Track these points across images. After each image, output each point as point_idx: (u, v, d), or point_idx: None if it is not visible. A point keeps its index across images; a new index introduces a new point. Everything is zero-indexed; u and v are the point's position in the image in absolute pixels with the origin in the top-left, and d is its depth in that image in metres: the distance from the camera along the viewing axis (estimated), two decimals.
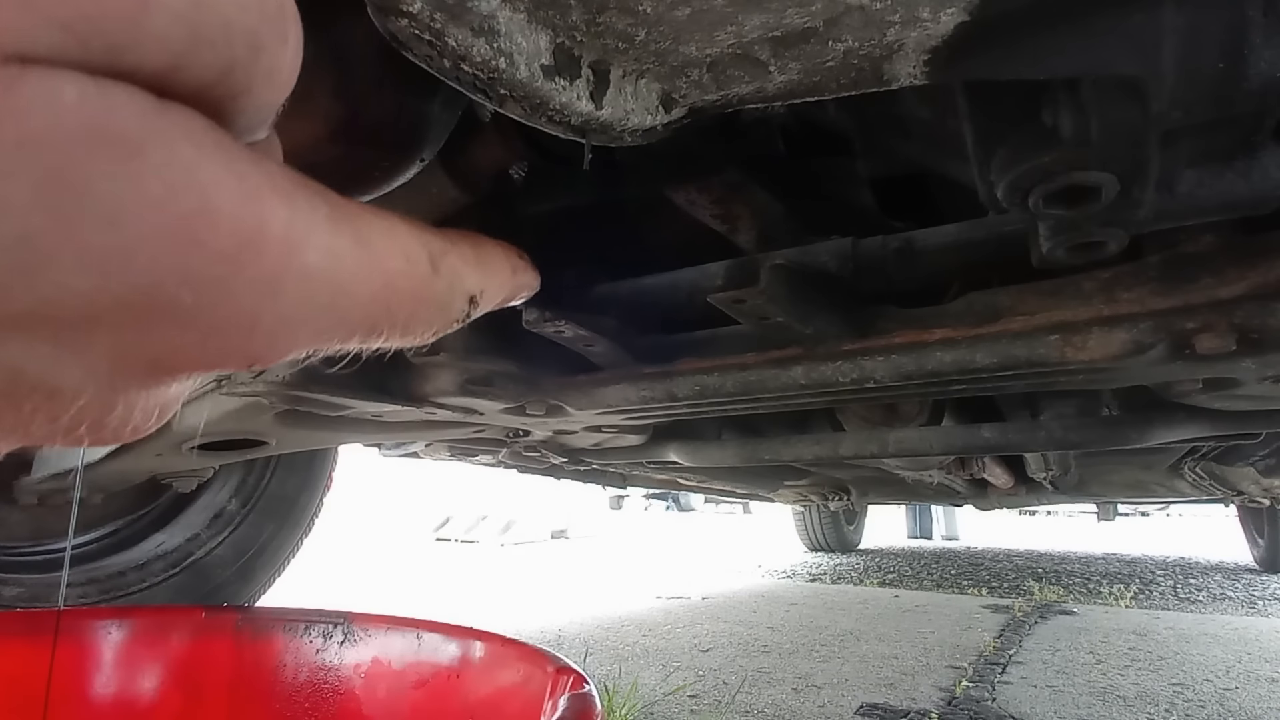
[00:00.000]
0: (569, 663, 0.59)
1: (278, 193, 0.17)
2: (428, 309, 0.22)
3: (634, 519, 10.87)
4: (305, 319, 0.18)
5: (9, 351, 0.15)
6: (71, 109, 0.13)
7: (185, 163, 0.15)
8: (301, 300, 0.18)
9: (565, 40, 0.40)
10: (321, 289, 0.18)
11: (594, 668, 1.80)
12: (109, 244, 0.14)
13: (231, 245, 0.16)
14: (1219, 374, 0.76)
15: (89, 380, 0.17)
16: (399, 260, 0.21)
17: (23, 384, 0.16)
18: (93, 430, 0.18)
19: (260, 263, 0.16)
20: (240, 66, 0.16)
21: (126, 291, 0.15)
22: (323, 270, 0.18)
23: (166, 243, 0.15)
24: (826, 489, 2.10)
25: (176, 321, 0.16)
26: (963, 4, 0.38)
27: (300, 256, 0.17)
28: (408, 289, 0.21)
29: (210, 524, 1.57)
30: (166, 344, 0.17)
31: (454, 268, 0.23)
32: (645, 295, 0.88)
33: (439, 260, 0.23)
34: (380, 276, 0.20)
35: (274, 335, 0.18)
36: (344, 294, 0.19)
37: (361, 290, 0.20)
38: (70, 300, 0.14)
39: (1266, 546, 3.97)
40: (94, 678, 0.71)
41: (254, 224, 0.16)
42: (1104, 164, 0.47)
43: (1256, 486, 1.66)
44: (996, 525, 8.38)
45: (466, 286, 0.24)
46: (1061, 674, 1.81)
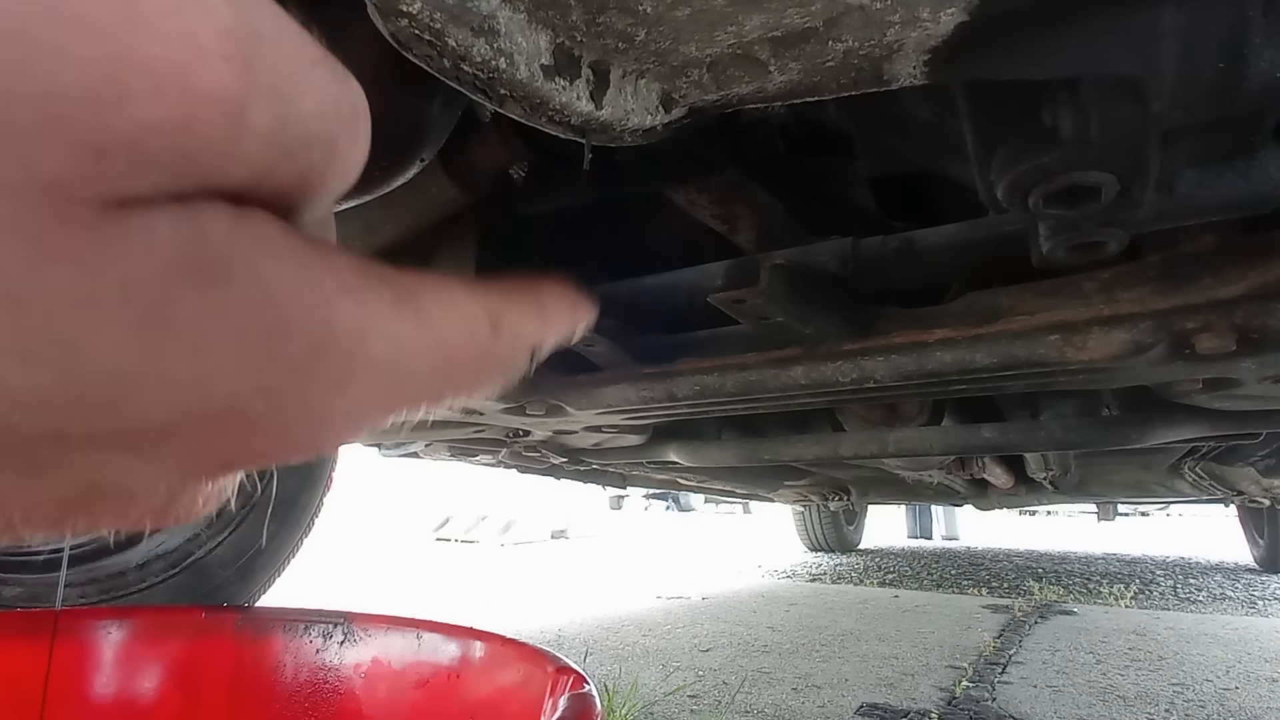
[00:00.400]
0: (569, 663, 0.59)
1: (345, 290, 0.17)
2: (490, 371, 0.22)
3: (634, 519, 10.87)
4: (371, 405, 0.19)
5: (86, 466, 0.15)
6: (166, 245, 0.13)
7: (265, 280, 0.15)
8: (368, 391, 0.18)
9: (565, 40, 0.40)
10: (387, 376, 0.18)
11: (594, 668, 1.80)
12: (192, 372, 0.14)
13: (303, 353, 0.16)
14: (1219, 374, 0.76)
15: (160, 483, 0.17)
16: (460, 330, 0.21)
17: (97, 492, 0.16)
18: (156, 519, 0.19)
19: (330, 364, 0.16)
20: (316, 170, 0.16)
21: (204, 410, 0.15)
22: (388, 358, 0.18)
23: (244, 361, 0.15)
24: (826, 489, 2.10)
25: (248, 428, 0.16)
26: (963, 4, 0.38)
27: (367, 350, 0.17)
28: (470, 357, 0.21)
29: (210, 524, 1.57)
30: (237, 448, 0.17)
31: (514, 325, 0.23)
32: (645, 295, 0.88)
33: (499, 320, 0.22)
34: (442, 351, 0.20)
35: (341, 426, 0.18)
36: (408, 374, 0.19)
37: (425, 367, 0.20)
38: (150, 423, 0.15)
39: (1266, 546, 3.97)
40: (94, 678, 0.71)
41: (324, 328, 0.16)
42: (1104, 164, 0.47)
43: (1256, 486, 1.66)
44: (996, 525, 8.38)
45: (528, 340, 0.24)
46: (1061, 674, 1.81)
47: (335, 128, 0.16)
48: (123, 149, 0.12)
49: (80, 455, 0.15)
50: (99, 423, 0.14)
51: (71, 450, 0.15)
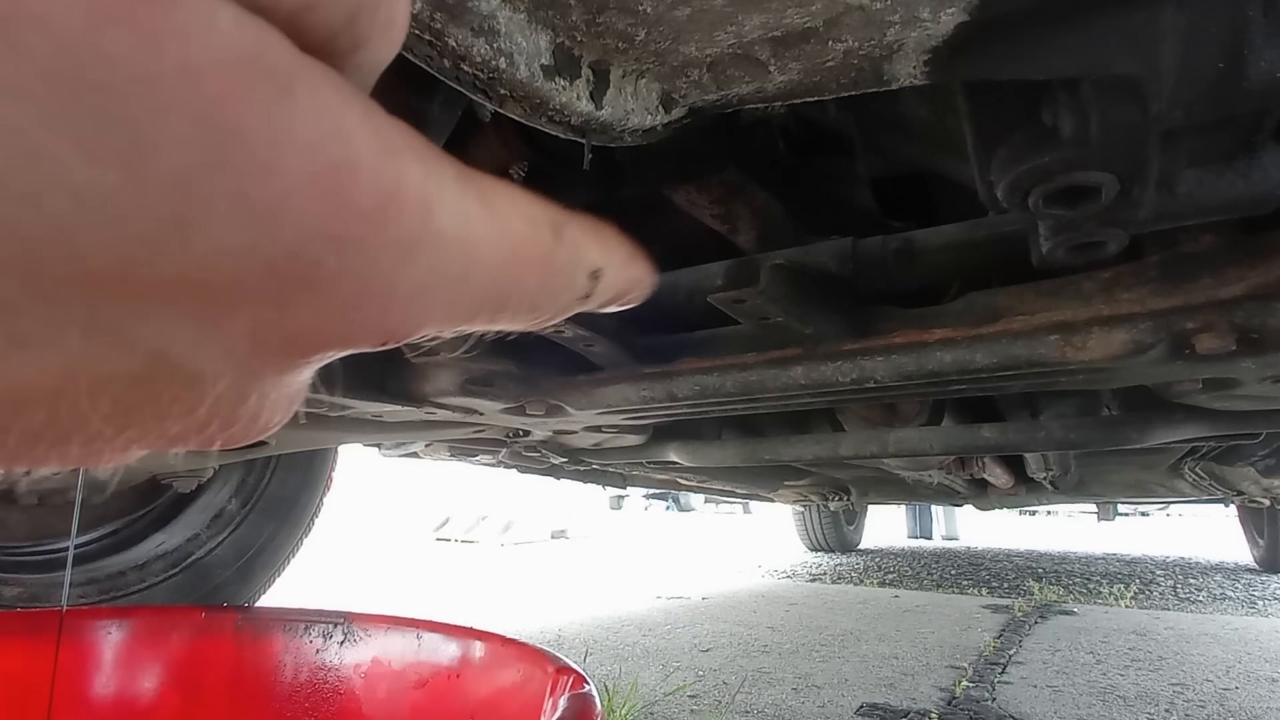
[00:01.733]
0: (569, 663, 0.59)
1: (412, 150, 0.16)
2: (553, 281, 0.22)
3: (634, 519, 10.87)
4: (439, 288, 0.18)
5: (153, 330, 0.14)
6: (230, 36, 0.13)
7: (331, 109, 0.14)
8: (435, 266, 0.17)
9: (565, 40, 0.40)
10: (454, 254, 0.18)
11: (594, 668, 1.80)
12: (264, 193, 0.13)
13: (374, 201, 0.15)
14: (1219, 374, 0.76)
15: (228, 364, 0.16)
16: (525, 225, 0.20)
17: (164, 368, 0.15)
18: (225, 426, 0.18)
19: (399, 222, 0.16)
20: (365, 13, 0.15)
21: (275, 252, 0.14)
22: (455, 234, 0.17)
23: (315, 195, 0.14)
24: (826, 489, 2.10)
25: (317, 291, 0.15)
26: (963, 4, 0.38)
27: (435, 218, 0.17)
28: (534, 257, 0.20)
29: (210, 524, 1.57)
30: (306, 318, 0.16)
31: (575, 238, 0.22)
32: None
33: (561, 228, 0.22)
34: (508, 242, 0.19)
35: (409, 306, 0.17)
36: (475, 261, 0.18)
37: (491, 257, 0.19)
38: (221, 263, 0.14)
39: (1266, 546, 3.97)
40: (94, 678, 0.71)
41: (394, 180, 0.16)
42: (1104, 164, 0.47)
43: (1256, 486, 1.66)
44: (996, 525, 8.38)
45: (588, 260, 0.23)
46: (1061, 674, 1.81)
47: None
48: None
49: (147, 315, 0.14)
50: (169, 255, 0.13)
51: (138, 306, 0.14)
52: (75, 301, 0.13)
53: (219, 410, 0.17)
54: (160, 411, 0.16)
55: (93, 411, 0.15)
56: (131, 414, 0.16)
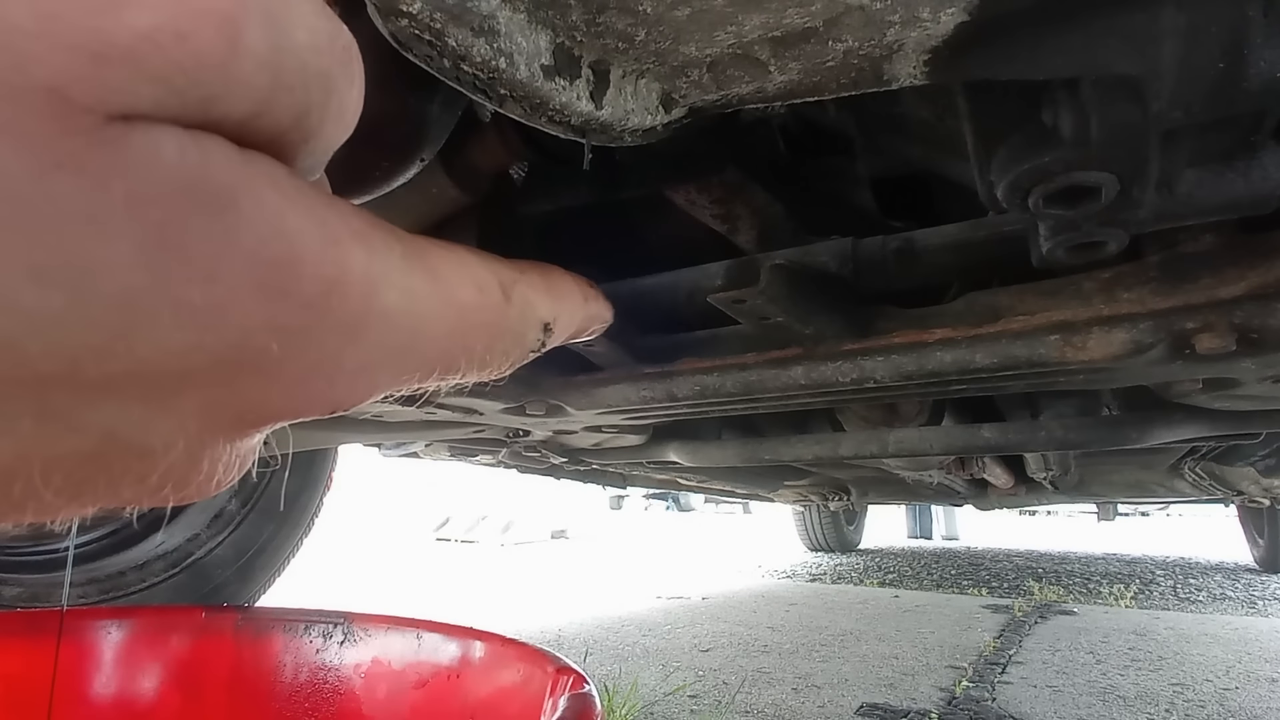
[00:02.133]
0: (569, 663, 0.59)
1: (355, 236, 0.17)
2: (503, 340, 0.22)
3: (634, 519, 10.87)
4: (385, 361, 0.18)
5: (103, 414, 0.15)
6: (172, 164, 0.13)
7: (273, 212, 0.15)
8: (381, 342, 0.18)
9: (565, 40, 0.40)
10: (400, 328, 0.18)
11: (594, 668, 1.80)
12: (206, 299, 0.14)
13: (316, 292, 0.16)
14: (1219, 374, 0.76)
15: (178, 437, 0.17)
16: (471, 292, 0.21)
17: (115, 445, 0.16)
18: (178, 488, 0.18)
19: (343, 307, 0.16)
20: (315, 109, 0.16)
21: (219, 347, 0.15)
22: (400, 309, 0.18)
23: (257, 294, 0.15)
24: (826, 489, 2.10)
25: (263, 374, 0.16)
26: (963, 4, 0.38)
27: (379, 298, 0.17)
28: (482, 321, 0.21)
29: (210, 524, 1.57)
30: (253, 397, 0.17)
31: (525, 296, 0.23)
32: (645, 295, 0.88)
33: (510, 289, 0.22)
34: (455, 310, 0.20)
35: (355, 380, 0.18)
36: (421, 332, 0.19)
37: (438, 326, 0.19)
38: (166, 360, 0.14)
39: (1266, 546, 3.97)
40: (94, 678, 0.71)
41: (336, 269, 0.16)
42: (1104, 164, 0.47)
43: (1256, 486, 1.66)
44: (996, 525, 8.38)
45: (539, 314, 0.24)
46: (1061, 674, 1.81)
47: (330, 63, 0.16)
48: (121, 56, 0.12)
49: (97, 402, 0.15)
50: (114, 357, 0.14)
51: (88, 395, 0.14)
52: (26, 396, 0.14)
53: (171, 476, 0.18)
54: (112, 481, 0.17)
55: (45, 487, 0.16)
56: (84, 485, 0.16)
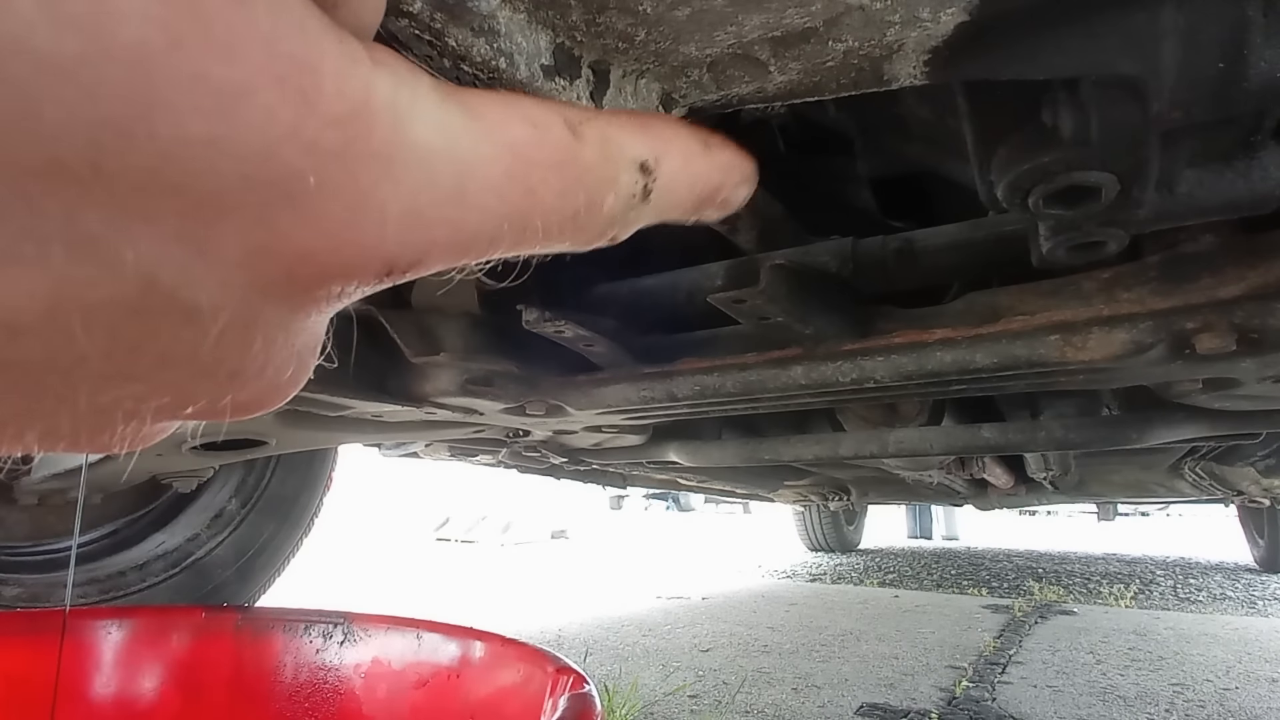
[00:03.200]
0: (569, 663, 0.59)
1: (379, 63, 0.16)
2: (582, 183, 0.19)
3: (634, 519, 10.87)
4: (435, 208, 0.17)
5: (140, 250, 0.14)
6: None
7: (294, 10, 0.14)
8: (425, 184, 0.16)
9: (565, 40, 0.40)
10: (442, 169, 0.16)
11: (594, 668, 1.80)
12: (224, 76, 0.13)
13: (341, 109, 0.15)
14: (1219, 374, 0.76)
15: (225, 294, 0.15)
16: (524, 128, 0.18)
17: (157, 295, 0.15)
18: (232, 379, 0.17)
19: (372, 133, 0.15)
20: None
21: (244, 152, 0.14)
22: (438, 146, 0.16)
23: (278, 91, 0.14)
24: (826, 489, 2.10)
25: (301, 207, 0.15)
26: (963, 4, 0.38)
27: (411, 129, 0.16)
28: (546, 159, 0.18)
29: (210, 524, 1.57)
30: (295, 239, 0.15)
31: (604, 131, 0.20)
32: (645, 295, 0.88)
33: (580, 125, 0.19)
34: (506, 149, 0.18)
35: (406, 229, 0.16)
36: (470, 175, 0.17)
37: (490, 169, 0.17)
38: (194, 160, 0.13)
39: (1266, 546, 3.97)
40: (94, 678, 0.71)
41: (361, 89, 0.15)
42: (1104, 164, 0.47)
43: (1256, 486, 1.66)
44: (996, 525, 8.38)
45: (629, 152, 0.20)
46: (1061, 674, 1.81)
47: None
48: None
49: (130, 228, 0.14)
50: (137, 143, 0.13)
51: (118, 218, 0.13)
52: (52, 204, 0.13)
53: (224, 355, 0.16)
54: (161, 353, 0.16)
55: (90, 343, 0.15)
56: (132, 354, 0.15)
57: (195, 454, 1.22)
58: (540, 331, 0.80)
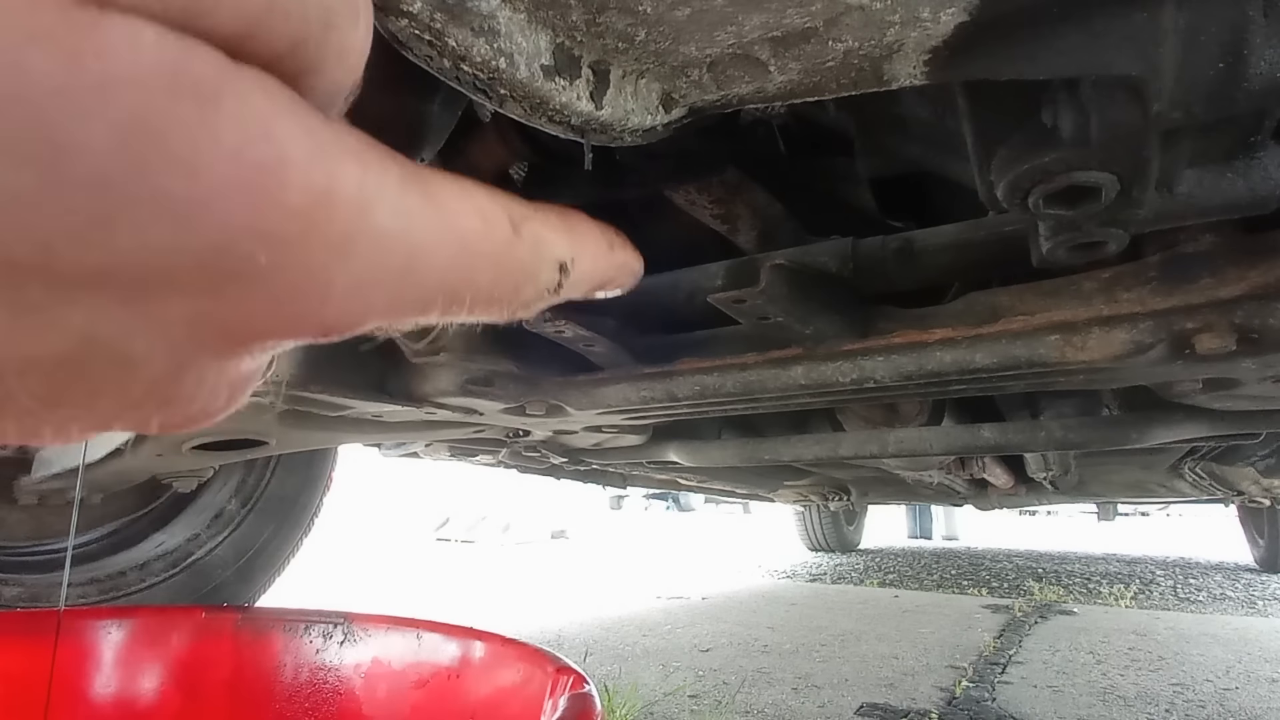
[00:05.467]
0: (569, 663, 0.59)
1: (348, 151, 0.17)
2: (512, 275, 0.21)
3: (634, 519, 10.87)
4: (379, 284, 0.18)
5: (82, 314, 0.15)
6: (152, 52, 0.13)
7: (260, 114, 0.15)
8: (375, 263, 0.17)
9: (565, 40, 0.40)
10: (395, 251, 0.18)
11: (594, 668, 1.80)
12: (187, 193, 0.14)
13: (304, 202, 0.15)
14: (1219, 374, 0.76)
15: (161, 347, 0.16)
16: (475, 221, 0.20)
17: (94, 350, 0.15)
18: (162, 407, 0.18)
19: (333, 221, 0.16)
20: (313, 41, 0.16)
21: (202, 248, 0.15)
22: (396, 231, 0.18)
23: (241, 196, 0.14)
24: (826, 489, 2.10)
25: (250, 284, 0.16)
26: (963, 4, 0.38)
27: (372, 216, 0.17)
28: (487, 252, 0.20)
29: (210, 524, 1.57)
30: (240, 310, 0.16)
31: (537, 232, 0.22)
32: (645, 295, 0.88)
33: (520, 224, 0.22)
34: (456, 238, 0.19)
35: (348, 301, 0.18)
36: (419, 257, 0.18)
37: (438, 253, 0.19)
38: (146, 256, 0.14)
39: (1266, 546, 3.97)
40: (94, 678, 0.71)
41: (325, 181, 0.16)
42: (1104, 164, 0.47)
43: (1256, 486, 1.66)
44: (996, 525, 8.38)
45: (555, 252, 0.23)
46: (1061, 674, 1.81)
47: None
48: None
49: (76, 298, 0.14)
50: (92, 247, 0.14)
51: (66, 290, 0.14)
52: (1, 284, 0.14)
53: (154, 392, 0.17)
54: (91, 392, 0.16)
55: (21, 390, 0.15)
56: (63, 393, 0.16)
57: (195, 454, 1.22)
58: (540, 331, 0.80)
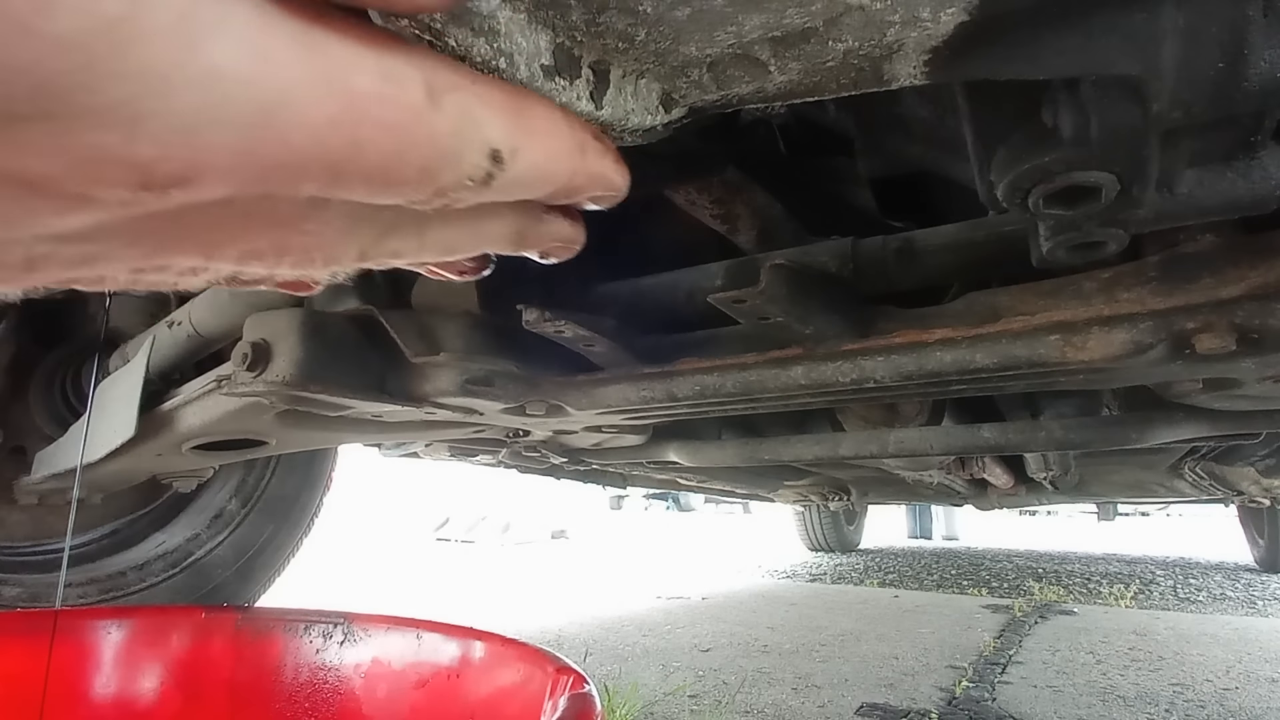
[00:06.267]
0: (569, 663, 0.59)
1: None
2: (419, 150, 0.18)
3: (634, 519, 10.87)
4: (218, 129, 0.15)
5: None
6: None
7: None
8: (206, 105, 0.15)
9: (565, 40, 0.40)
10: (240, 96, 0.15)
11: (594, 668, 1.80)
12: None
13: (81, 30, 0.13)
14: (1219, 374, 0.76)
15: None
16: (372, 80, 0.17)
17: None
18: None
19: (134, 55, 0.14)
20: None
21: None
22: (241, 73, 0.15)
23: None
24: (826, 489, 2.10)
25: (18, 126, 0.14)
26: (963, 4, 0.38)
27: (201, 52, 0.15)
28: (386, 119, 0.17)
29: (210, 524, 1.57)
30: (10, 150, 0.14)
31: (465, 106, 0.19)
32: (645, 295, 0.88)
33: (443, 93, 0.18)
34: (340, 95, 0.16)
35: (168, 144, 0.15)
36: (281, 110, 0.16)
37: (310, 110, 0.16)
38: None
39: (1266, 546, 3.97)
40: (94, 678, 0.71)
41: (122, 7, 0.14)
42: (1104, 164, 0.47)
43: (1256, 486, 1.66)
44: (996, 525, 8.38)
45: (484, 135, 0.19)
46: (1061, 674, 1.81)
47: None
48: None
49: None
50: None
51: None
52: None
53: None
54: None
55: None
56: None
57: (195, 454, 1.22)
58: (540, 331, 0.80)
